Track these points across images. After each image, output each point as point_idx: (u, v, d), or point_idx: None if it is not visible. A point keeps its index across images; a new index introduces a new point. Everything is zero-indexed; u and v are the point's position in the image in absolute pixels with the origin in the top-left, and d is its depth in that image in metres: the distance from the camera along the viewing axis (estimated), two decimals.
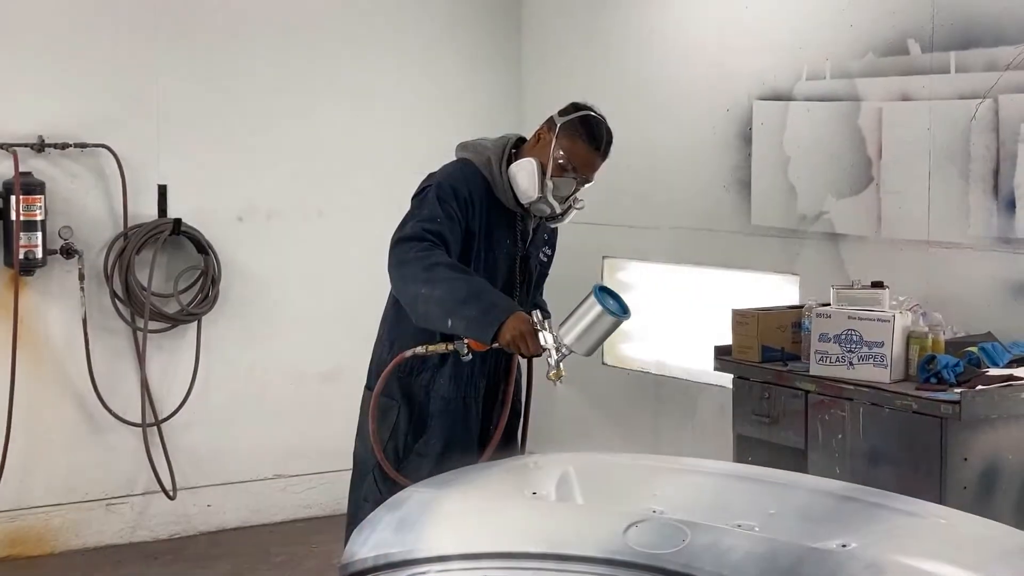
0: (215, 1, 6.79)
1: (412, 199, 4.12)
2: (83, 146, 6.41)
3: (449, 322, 3.85)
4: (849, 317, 4.71)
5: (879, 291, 4.80)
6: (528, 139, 4.20)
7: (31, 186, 6.20)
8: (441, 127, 7.20)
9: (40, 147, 6.32)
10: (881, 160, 5.50)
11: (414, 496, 3.50)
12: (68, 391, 6.50)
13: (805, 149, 5.86)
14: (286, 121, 6.93)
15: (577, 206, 4.21)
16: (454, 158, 4.24)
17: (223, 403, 6.78)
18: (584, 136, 4.11)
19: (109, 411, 6.50)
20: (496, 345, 3.82)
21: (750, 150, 6.13)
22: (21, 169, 6.18)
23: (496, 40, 7.57)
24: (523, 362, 4.31)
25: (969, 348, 4.70)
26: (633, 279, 7.05)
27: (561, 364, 3.87)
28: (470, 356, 3.92)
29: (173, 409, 6.65)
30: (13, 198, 6.14)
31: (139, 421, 6.57)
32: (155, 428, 6.61)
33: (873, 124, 5.53)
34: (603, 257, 7.10)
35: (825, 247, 5.76)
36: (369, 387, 4.19)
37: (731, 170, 6.24)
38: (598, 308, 3.79)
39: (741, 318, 5.19)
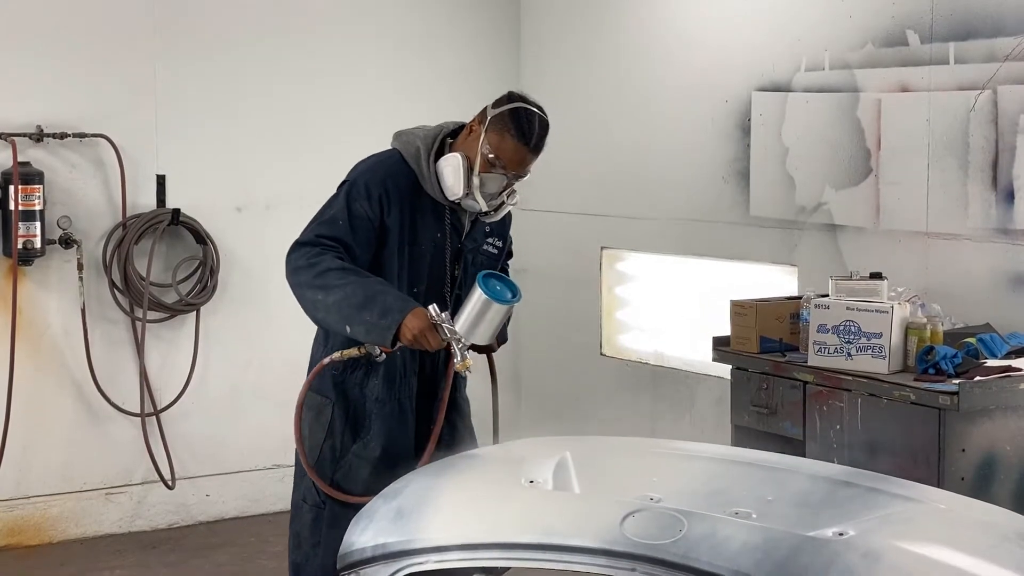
0: None
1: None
2: (82, 136, 6.41)
3: (348, 329, 3.80)
4: (847, 308, 4.71)
5: (877, 282, 4.80)
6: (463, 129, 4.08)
7: (30, 176, 6.20)
8: (441, 116, 7.20)
9: (39, 137, 6.32)
10: (880, 151, 5.50)
11: (411, 485, 3.51)
12: (67, 381, 6.50)
13: (804, 140, 5.85)
14: (285, 111, 6.93)
15: (511, 202, 4.10)
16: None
17: (222, 393, 6.79)
18: (513, 131, 3.94)
19: (108, 401, 6.50)
20: (401, 345, 3.78)
21: (749, 141, 6.12)
22: (20, 159, 6.18)
23: (495, 26, 7.56)
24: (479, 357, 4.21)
25: (967, 339, 4.70)
26: (631, 270, 7.06)
27: (467, 354, 3.80)
28: (384, 356, 3.88)
29: (172, 399, 6.66)
30: (12, 188, 6.14)
31: (138, 411, 6.57)
32: (154, 418, 6.62)
33: (872, 115, 5.52)
34: (601, 248, 7.10)
35: (824, 238, 5.76)
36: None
37: (730, 161, 6.24)
38: (483, 296, 3.77)
39: (739, 309, 5.19)
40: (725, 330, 5.26)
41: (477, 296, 3.80)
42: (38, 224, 6.21)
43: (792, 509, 3.13)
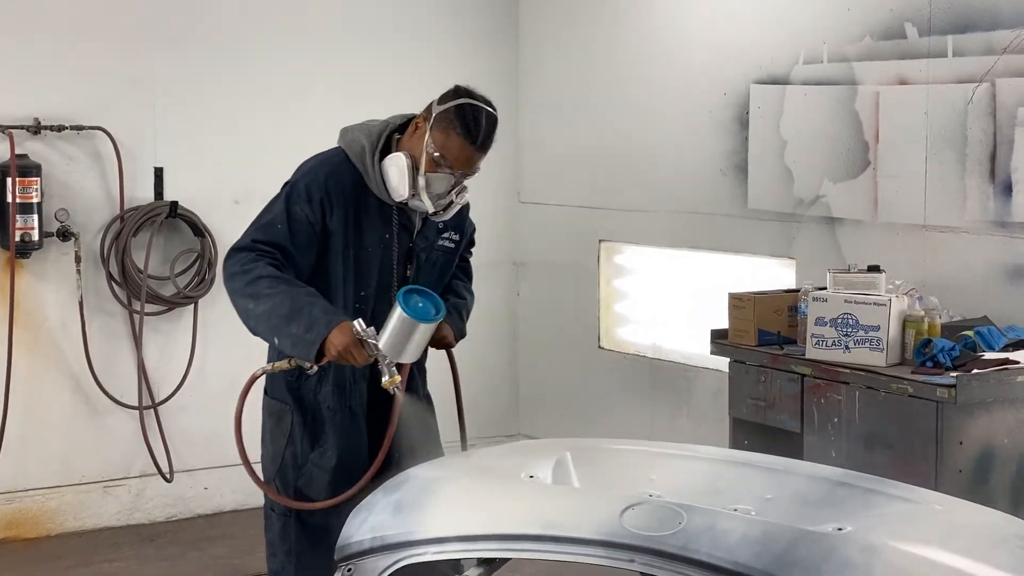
0: None
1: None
2: (79, 128, 6.40)
3: (276, 340, 3.73)
4: (845, 301, 4.71)
5: (875, 275, 4.81)
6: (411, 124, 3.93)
7: (27, 168, 6.19)
8: None
9: (36, 129, 6.31)
10: (878, 144, 5.50)
11: (411, 478, 3.51)
12: (65, 374, 6.50)
13: (802, 133, 5.85)
14: (283, 103, 6.92)
15: (459, 200, 3.93)
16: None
17: (220, 386, 6.77)
18: (459, 129, 3.77)
19: (106, 394, 6.50)
20: (326, 361, 3.68)
21: (747, 134, 6.12)
22: (17, 151, 6.17)
23: (494, 21, 7.56)
24: (434, 353, 4.13)
25: (965, 332, 4.71)
26: (630, 263, 7.06)
27: (394, 371, 3.69)
28: (315, 370, 3.77)
29: (170, 392, 6.66)
30: (9, 180, 6.14)
31: (136, 404, 6.57)
32: (152, 411, 6.62)
33: (870, 108, 5.52)
34: (599, 241, 7.11)
35: (822, 231, 5.76)
36: (266, 391, 4.03)
37: (728, 154, 6.24)
38: (403, 315, 3.66)
39: (738, 302, 5.19)
40: (723, 323, 5.27)
41: (398, 315, 3.67)
42: (36, 217, 6.20)
43: (791, 507, 3.13)
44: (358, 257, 3.89)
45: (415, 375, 4.03)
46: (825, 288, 4.85)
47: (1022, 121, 4.93)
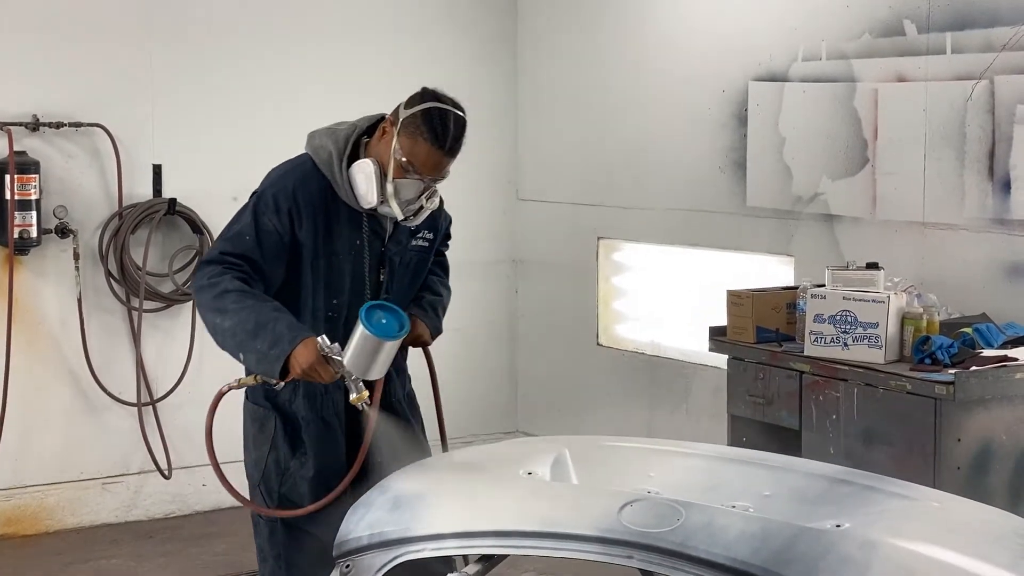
0: None
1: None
2: (78, 125, 6.40)
3: (242, 356, 3.69)
4: (844, 298, 4.71)
5: (874, 272, 4.81)
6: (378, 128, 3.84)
7: (26, 165, 6.19)
8: None
9: (35, 126, 6.31)
10: (877, 141, 5.50)
11: (409, 475, 3.51)
12: (64, 370, 6.50)
13: (800, 130, 5.85)
14: (281, 101, 6.91)
15: (430, 205, 3.83)
16: None
17: (218, 383, 6.72)
18: (426, 134, 3.68)
19: (104, 391, 6.50)
20: (297, 377, 3.61)
21: (745, 131, 6.12)
22: (16, 148, 6.17)
23: (492, 20, 7.55)
24: (410, 356, 4.09)
25: (964, 329, 4.71)
26: (628, 260, 7.06)
27: (360, 386, 3.61)
28: (281, 386, 3.70)
29: (168, 389, 6.65)
30: (7, 177, 6.13)
31: (134, 401, 6.57)
32: (150, 408, 6.62)
33: (869, 105, 5.52)
34: (598, 238, 7.11)
35: (820, 228, 5.76)
36: (248, 396, 4.00)
37: (726, 151, 6.24)
38: (363, 331, 3.59)
39: (736, 299, 5.19)
40: (722, 320, 5.27)
41: (360, 332, 3.59)
42: (34, 213, 6.20)
43: (789, 503, 3.14)
44: (329, 265, 3.82)
45: (393, 377, 3.95)
46: (824, 285, 4.85)
47: (1021, 118, 4.93)
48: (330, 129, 3.89)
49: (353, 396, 3.62)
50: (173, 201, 6.57)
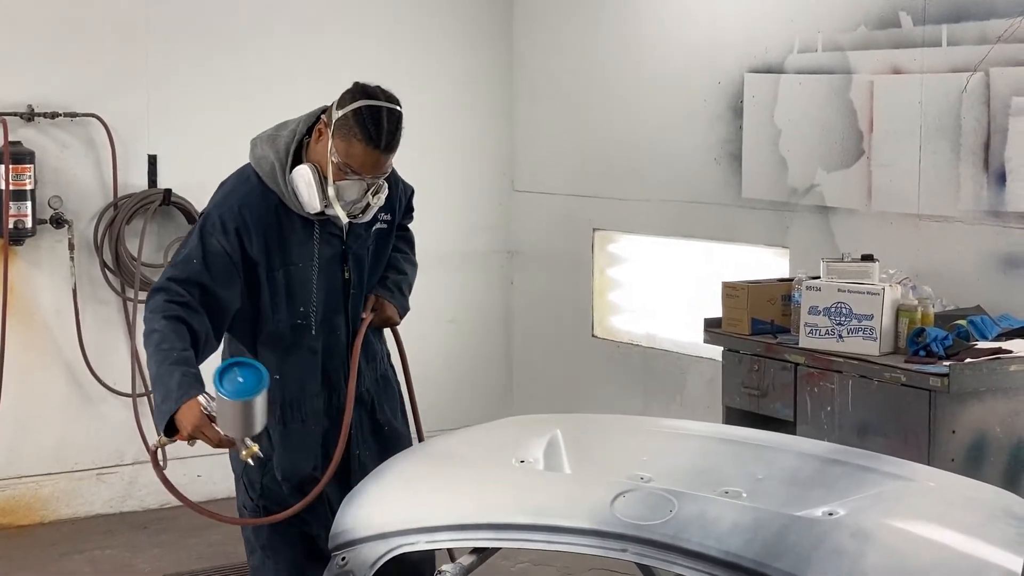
0: None
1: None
2: (73, 115, 6.39)
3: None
4: (839, 290, 4.71)
5: (869, 264, 4.81)
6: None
7: (20, 155, 6.18)
8: (432, 97, 7.20)
9: (29, 116, 6.30)
10: (872, 133, 5.50)
11: (403, 466, 3.51)
12: (58, 361, 6.50)
13: (796, 122, 5.85)
14: (277, 91, 6.89)
15: (376, 201, 3.75)
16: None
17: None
18: (359, 135, 3.61)
19: (99, 381, 6.50)
20: (178, 438, 3.51)
21: (741, 123, 6.12)
22: (10, 138, 6.17)
23: (488, 11, 7.54)
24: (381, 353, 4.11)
25: (958, 321, 4.72)
26: (624, 251, 7.06)
27: (248, 442, 3.47)
28: (195, 444, 3.57)
29: None
30: (2, 167, 6.13)
31: (129, 391, 6.57)
32: (145, 398, 6.60)
33: (864, 97, 5.52)
34: (593, 230, 7.10)
35: (815, 220, 5.76)
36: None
37: (722, 143, 6.24)
38: (219, 396, 3.42)
39: (731, 291, 5.19)
40: (717, 312, 5.27)
41: (218, 399, 3.43)
42: (29, 204, 6.20)
43: (782, 488, 3.13)
44: (288, 276, 3.77)
45: (362, 368, 3.93)
46: (819, 277, 4.85)
47: (1016, 110, 4.93)
48: (270, 136, 3.82)
49: (242, 454, 3.50)
50: (168, 192, 6.57)
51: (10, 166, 6.13)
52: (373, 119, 3.63)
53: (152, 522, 6.54)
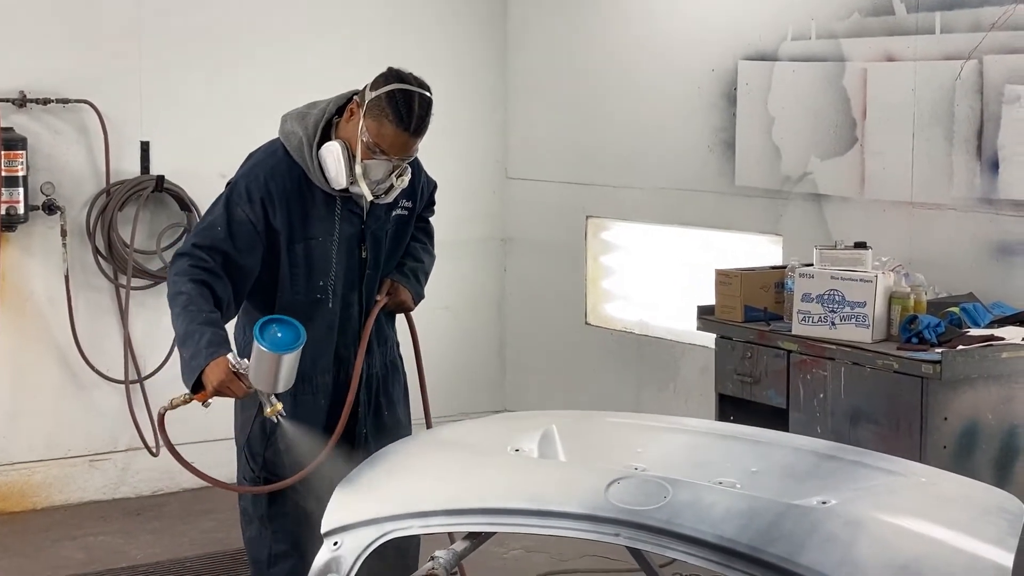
0: None
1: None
2: (65, 102, 6.38)
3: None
4: (832, 277, 4.72)
5: (862, 251, 4.81)
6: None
7: (13, 141, 6.17)
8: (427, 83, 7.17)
9: (22, 102, 6.29)
10: (865, 121, 5.50)
11: (396, 452, 3.52)
12: (51, 348, 6.49)
13: (790, 110, 5.85)
14: (270, 78, 6.89)
15: (400, 184, 3.87)
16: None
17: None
18: (391, 117, 3.71)
19: (92, 368, 6.49)
20: (209, 395, 3.66)
21: (734, 110, 6.12)
22: (3, 124, 6.16)
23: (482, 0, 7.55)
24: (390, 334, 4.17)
25: (951, 308, 4.72)
26: (617, 239, 7.06)
27: (272, 400, 3.66)
28: (209, 405, 3.76)
29: (156, 366, 6.64)
30: None
31: (122, 378, 6.57)
32: (138, 385, 6.61)
33: (858, 85, 5.52)
34: (587, 217, 7.10)
35: (809, 208, 5.77)
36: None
37: (715, 130, 6.24)
38: (258, 347, 3.59)
39: (724, 278, 5.20)
40: (710, 299, 5.27)
41: (255, 349, 3.60)
42: (21, 190, 6.19)
43: (776, 480, 3.14)
44: (308, 249, 3.87)
45: (373, 349, 4.02)
46: (812, 264, 4.86)
47: (1009, 98, 4.94)
48: (301, 113, 3.93)
49: (267, 410, 3.68)
50: (161, 178, 6.56)
51: (2, 152, 6.12)
52: (405, 102, 3.73)
53: (145, 509, 6.54)
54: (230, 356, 3.62)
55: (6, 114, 6.23)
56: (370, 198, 3.82)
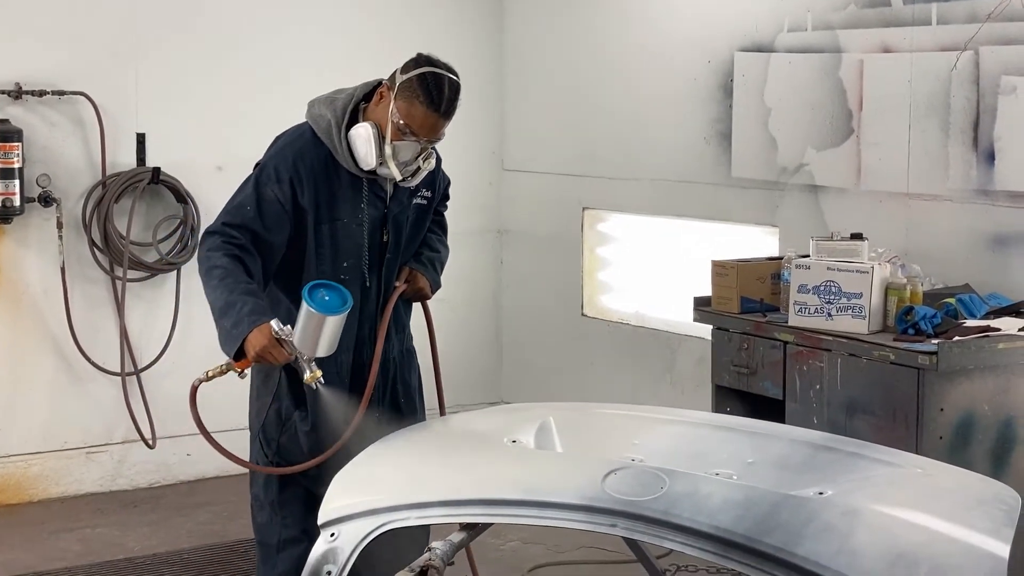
0: None
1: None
2: (61, 93, 6.37)
3: (217, 331, 3.84)
4: (828, 268, 4.72)
5: (858, 243, 4.82)
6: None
7: (8, 133, 6.17)
8: None
9: (17, 94, 6.28)
10: (862, 112, 5.50)
11: (393, 443, 3.52)
12: (47, 340, 6.49)
13: (786, 101, 5.85)
14: (266, 69, 6.89)
15: (427, 166, 3.98)
16: None
17: (202, 352, 6.65)
18: (422, 98, 3.83)
19: (88, 360, 6.49)
20: (250, 360, 3.74)
21: (731, 102, 6.12)
22: None
23: None
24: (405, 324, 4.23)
25: (947, 299, 4.73)
26: (613, 230, 7.06)
27: (312, 367, 3.75)
28: (246, 375, 3.85)
29: (153, 358, 6.65)
30: None
31: (118, 370, 6.56)
32: (134, 377, 6.61)
33: (854, 76, 5.52)
34: (583, 208, 7.10)
35: (805, 199, 5.77)
36: None
37: (712, 122, 6.24)
38: (307, 308, 3.72)
39: (721, 269, 5.20)
40: (706, 290, 5.27)
41: (304, 310, 3.72)
42: (17, 182, 6.18)
43: (773, 470, 3.14)
44: (334, 230, 3.96)
45: (392, 335, 4.10)
46: (808, 256, 4.86)
47: (1005, 89, 4.94)
48: (329, 98, 4.01)
49: (306, 376, 3.75)
50: (157, 170, 6.55)
51: None
52: (436, 85, 3.85)
53: (142, 501, 6.54)
54: (274, 323, 3.70)
55: (2, 106, 6.23)
56: (399, 178, 3.90)
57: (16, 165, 6.17)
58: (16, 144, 6.18)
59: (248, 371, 3.85)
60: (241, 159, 6.78)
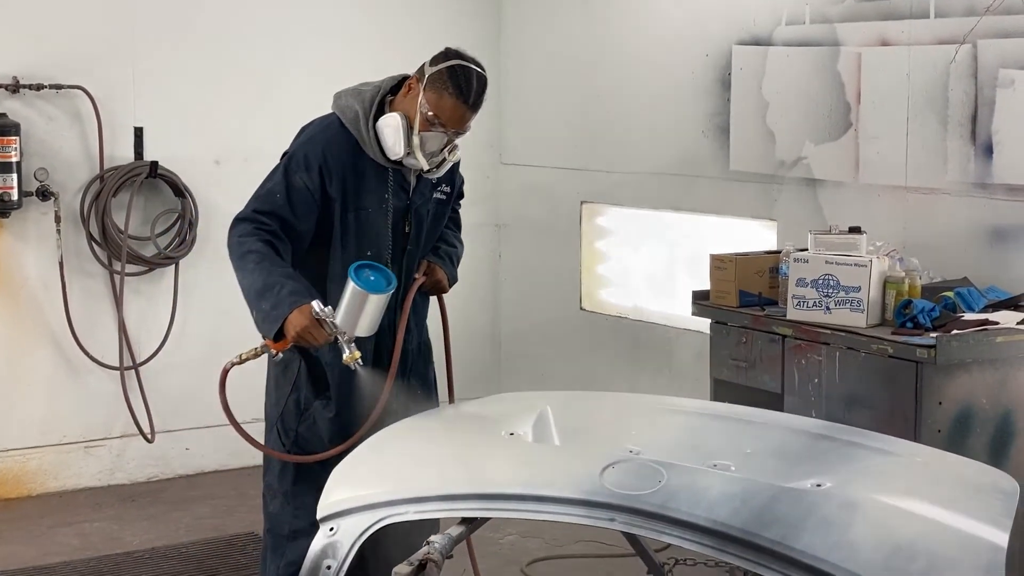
0: None
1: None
2: (58, 87, 6.36)
3: (252, 314, 3.87)
4: (826, 262, 4.72)
5: (856, 236, 4.81)
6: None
7: (6, 127, 6.16)
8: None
9: (15, 88, 6.27)
10: (860, 105, 5.50)
11: (392, 437, 3.52)
12: (45, 334, 6.49)
13: (784, 94, 5.85)
14: (264, 65, 6.89)
15: (452, 158, 4.07)
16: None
17: (201, 346, 6.76)
18: (451, 89, 3.92)
19: (87, 354, 6.49)
20: (289, 341, 3.79)
21: (729, 95, 6.11)
22: None
23: None
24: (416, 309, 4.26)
25: (945, 293, 4.73)
26: (611, 224, 7.06)
27: (352, 347, 3.80)
28: (280, 356, 3.89)
29: (151, 352, 6.65)
30: None
31: (117, 364, 6.56)
32: (133, 371, 6.61)
33: (852, 69, 5.52)
34: (581, 202, 7.10)
35: (803, 192, 5.77)
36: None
37: (710, 115, 6.23)
38: (353, 287, 3.79)
39: (719, 263, 5.20)
40: (705, 284, 5.27)
41: (350, 288, 3.79)
42: (15, 176, 6.18)
43: (771, 461, 3.14)
44: (359, 219, 4.02)
45: (411, 328, 4.16)
46: (806, 249, 4.86)
47: (1004, 82, 4.93)
48: (356, 90, 4.08)
49: (345, 355, 3.79)
50: (155, 164, 6.55)
51: None
52: (465, 77, 3.94)
53: (140, 495, 6.54)
54: (314, 303, 3.75)
55: None
56: (425, 168, 3.97)
57: (14, 159, 6.17)
58: (14, 138, 6.17)
59: (281, 354, 3.87)
60: (239, 153, 6.87)
